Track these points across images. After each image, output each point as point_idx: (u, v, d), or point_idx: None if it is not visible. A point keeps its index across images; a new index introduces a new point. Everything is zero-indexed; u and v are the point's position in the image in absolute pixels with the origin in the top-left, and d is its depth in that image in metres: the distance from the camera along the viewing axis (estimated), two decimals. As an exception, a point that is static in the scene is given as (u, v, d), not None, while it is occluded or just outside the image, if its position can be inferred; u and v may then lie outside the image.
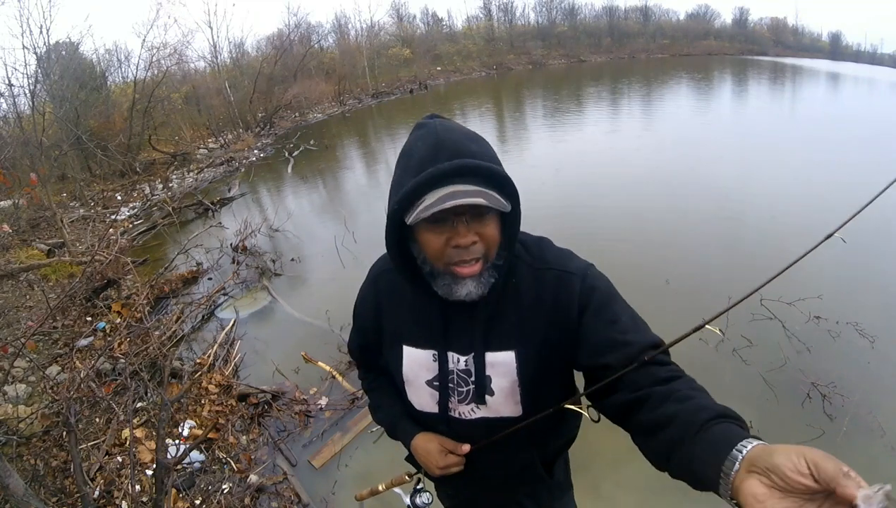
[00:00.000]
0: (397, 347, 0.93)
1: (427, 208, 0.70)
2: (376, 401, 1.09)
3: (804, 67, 25.99)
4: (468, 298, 0.78)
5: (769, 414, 2.59)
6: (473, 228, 0.74)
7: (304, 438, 2.80)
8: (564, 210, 5.73)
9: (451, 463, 0.93)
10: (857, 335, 3.09)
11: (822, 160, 7.37)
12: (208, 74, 17.81)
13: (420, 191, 0.71)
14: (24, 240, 6.58)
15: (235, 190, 8.71)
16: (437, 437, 0.95)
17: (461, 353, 0.87)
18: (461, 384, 0.89)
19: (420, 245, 0.79)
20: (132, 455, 2.32)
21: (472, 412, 0.90)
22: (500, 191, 0.74)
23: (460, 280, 0.78)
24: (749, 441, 0.56)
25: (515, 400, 0.87)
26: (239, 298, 4.61)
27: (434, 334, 0.88)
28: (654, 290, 3.83)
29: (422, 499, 1.10)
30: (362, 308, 1.00)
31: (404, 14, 33.18)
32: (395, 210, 0.74)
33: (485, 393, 0.87)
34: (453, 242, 0.74)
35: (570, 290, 0.82)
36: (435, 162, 0.71)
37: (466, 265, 0.76)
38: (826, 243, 0.87)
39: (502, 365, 0.85)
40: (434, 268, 0.79)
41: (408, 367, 0.92)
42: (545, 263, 0.85)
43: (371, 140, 13.22)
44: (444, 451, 0.93)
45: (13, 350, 2.85)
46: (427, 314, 0.88)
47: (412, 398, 0.95)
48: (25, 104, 9.34)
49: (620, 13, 38.08)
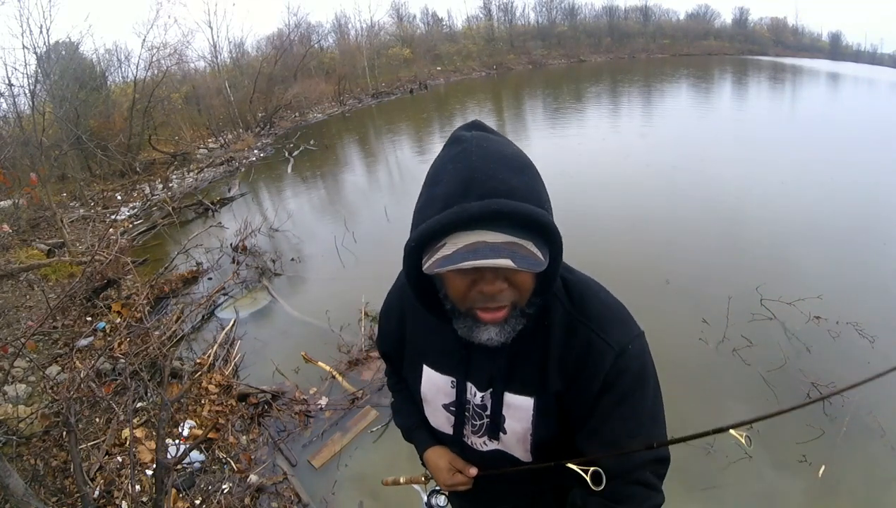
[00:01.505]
0: (418, 365, 0.91)
1: (444, 261, 0.60)
2: (398, 405, 1.08)
3: (804, 67, 26.00)
4: (489, 344, 0.72)
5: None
6: (503, 274, 0.65)
7: (304, 438, 2.80)
8: (564, 210, 5.68)
9: (458, 483, 0.93)
10: (857, 335, 3.09)
11: (823, 160, 7.38)
12: (208, 74, 17.80)
13: (441, 232, 0.61)
14: (24, 240, 6.58)
15: (235, 190, 8.71)
16: (448, 454, 0.95)
17: (479, 388, 0.83)
18: (476, 417, 0.86)
19: (443, 280, 0.71)
20: (132, 455, 2.32)
21: (484, 444, 0.88)
22: (540, 239, 0.63)
23: (482, 324, 0.70)
24: None
25: (525, 447, 0.83)
26: (239, 298, 4.61)
27: (454, 363, 0.85)
28: (654, 290, 3.83)
29: (437, 501, 1.10)
30: (387, 317, 0.99)
31: (404, 14, 33.16)
32: (412, 247, 0.65)
33: (498, 431, 0.84)
34: (478, 288, 0.66)
35: (600, 363, 0.73)
36: (464, 197, 0.60)
37: (490, 311, 0.68)
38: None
39: (519, 409, 0.81)
40: (455, 307, 0.72)
41: (426, 388, 0.91)
42: (583, 316, 0.76)
43: (371, 140, 13.22)
44: (453, 470, 0.93)
45: (13, 350, 2.85)
46: (449, 341, 0.81)
47: (429, 416, 0.95)
48: (25, 104, 9.34)
49: (620, 13, 38.07)
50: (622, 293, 0.86)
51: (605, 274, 0.96)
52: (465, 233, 0.60)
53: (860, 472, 2.26)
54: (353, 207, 7.02)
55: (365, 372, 3.25)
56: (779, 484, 2.22)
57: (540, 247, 0.63)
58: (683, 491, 2.21)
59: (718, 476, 2.26)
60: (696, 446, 2.40)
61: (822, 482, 2.21)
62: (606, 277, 0.94)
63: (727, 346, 3.10)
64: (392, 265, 1.07)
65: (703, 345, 3.14)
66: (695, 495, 2.19)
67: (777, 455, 2.35)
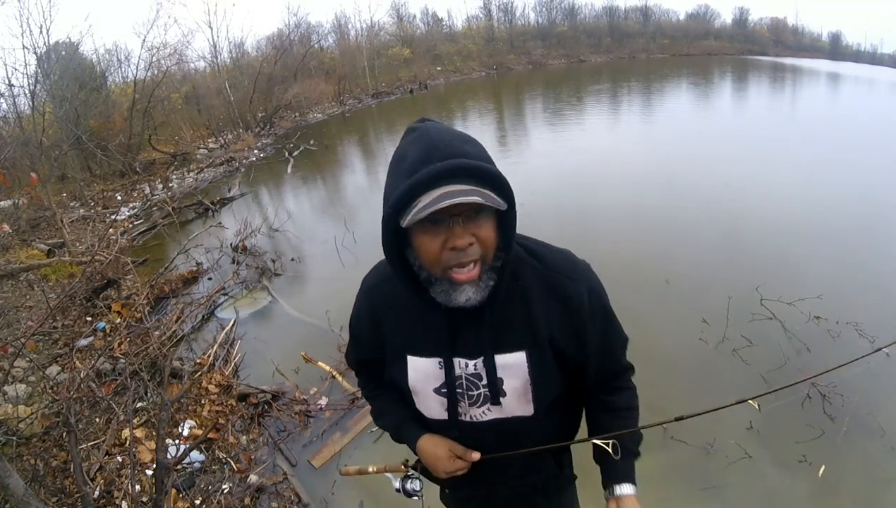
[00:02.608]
0: (401, 358, 0.92)
1: (423, 209, 0.68)
2: (379, 408, 1.09)
3: (804, 67, 25.99)
4: (468, 304, 0.77)
5: (769, 414, 2.59)
6: (470, 229, 0.73)
7: (304, 438, 2.80)
8: (564, 209, 5.73)
9: (459, 468, 0.94)
10: (857, 335, 3.09)
11: (823, 159, 7.38)
12: (208, 74, 17.82)
13: (414, 193, 0.70)
14: (24, 240, 6.58)
15: (235, 190, 8.71)
16: (447, 442, 0.95)
17: (469, 358, 0.87)
18: (471, 388, 0.89)
19: (416, 250, 0.77)
20: (132, 455, 2.32)
21: (484, 414, 0.91)
22: (495, 191, 0.72)
23: (458, 286, 0.76)
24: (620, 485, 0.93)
25: (527, 399, 0.88)
26: (239, 298, 4.61)
27: (439, 341, 0.88)
28: (654, 290, 3.83)
29: (413, 485, 1.10)
30: (359, 324, 0.99)
31: (404, 14, 33.20)
32: (389, 214, 0.72)
33: (499, 395, 0.88)
34: (450, 244, 0.73)
35: (579, 299, 0.86)
36: (428, 163, 0.69)
37: (464, 270, 0.75)
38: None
39: (514, 366, 0.86)
40: (431, 275, 0.78)
41: (413, 377, 0.92)
42: (551, 269, 0.87)
43: (371, 140, 13.22)
44: (453, 457, 0.94)
45: (13, 350, 2.85)
46: (431, 322, 0.86)
47: (421, 407, 0.95)
48: (25, 104, 9.34)
49: (620, 13, 38.10)
50: (622, 293, 0.86)
51: (605, 273, 0.96)
52: (435, 189, 0.69)
53: (860, 472, 2.26)
54: (353, 207, 7.02)
55: (365, 372, 3.25)
56: (779, 484, 2.22)
57: (497, 194, 0.72)
58: (683, 491, 2.21)
59: (718, 476, 2.26)
60: (696, 446, 2.40)
61: (822, 482, 2.21)
62: (606, 277, 0.94)
63: (727, 346, 3.10)
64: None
65: (703, 345, 3.14)
66: (695, 495, 2.19)
67: (777, 454, 2.35)
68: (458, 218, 0.72)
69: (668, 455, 2.38)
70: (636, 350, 2.45)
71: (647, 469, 0.98)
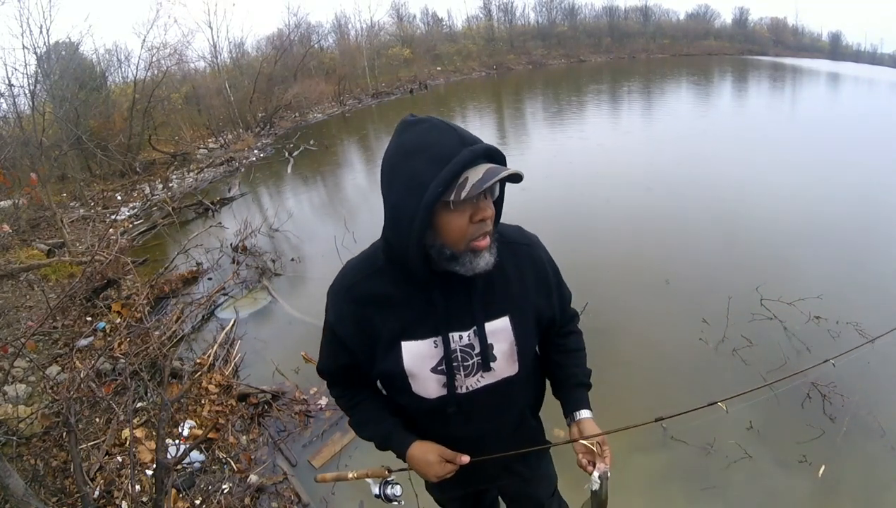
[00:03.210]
0: (395, 347, 0.94)
1: (479, 183, 0.76)
2: (361, 417, 1.10)
3: (804, 67, 25.98)
4: (487, 267, 0.86)
5: (769, 413, 2.59)
6: (490, 203, 0.85)
7: (304, 438, 2.80)
8: (564, 209, 5.73)
9: (449, 472, 1.01)
10: (857, 335, 3.08)
11: (823, 159, 7.38)
12: (208, 74, 17.80)
13: (462, 170, 0.77)
14: (24, 240, 6.58)
15: (235, 190, 8.71)
16: (436, 447, 1.01)
17: (462, 330, 0.94)
18: (466, 358, 0.96)
19: (439, 231, 0.83)
20: (132, 455, 2.32)
21: (477, 382, 0.98)
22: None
23: (479, 253, 0.84)
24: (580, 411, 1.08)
25: (514, 359, 0.98)
26: (239, 298, 4.60)
27: (434, 321, 0.93)
28: (654, 290, 3.83)
29: (393, 491, 1.13)
30: (342, 327, 1.00)
31: (404, 14, 33.17)
32: (438, 193, 0.77)
33: (489, 361, 0.96)
34: (478, 216, 0.82)
35: (542, 262, 1.02)
36: (464, 146, 0.78)
37: (483, 239, 0.84)
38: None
39: (501, 331, 0.96)
40: (454, 251, 0.84)
41: (409, 361, 0.94)
42: (514, 240, 1.00)
43: (371, 140, 13.21)
44: (443, 461, 1.00)
45: (13, 350, 2.85)
46: (423, 304, 0.92)
47: (418, 390, 0.98)
48: (25, 104, 9.34)
49: (620, 13, 38.06)
50: (622, 292, 0.87)
51: (605, 273, 0.98)
52: (477, 166, 0.79)
53: (860, 472, 2.26)
54: (353, 207, 7.01)
55: (365, 372, 3.25)
56: (779, 484, 2.22)
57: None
58: (683, 491, 2.21)
59: (718, 476, 2.26)
60: (695, 446, 2.40)
61: (822, 482, 2.21)
62: (606, 277, 0.96)
63: (727, 346, 3.10)
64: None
65: (703, 345, 3.14)
66: (695, 495, 2.19)
67: (777, 454, 2.35)
68: (486, 194, 0.82)
69: (668, 456, 2.38)
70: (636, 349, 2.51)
71: (647, 469, 0.99)
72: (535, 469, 1.25)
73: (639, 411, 2.59)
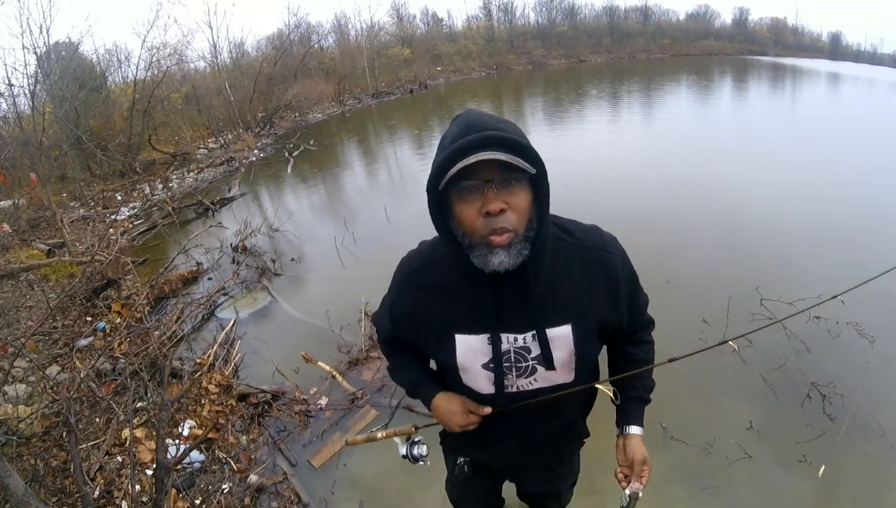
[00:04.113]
0: (449, 337, 0.95)
1: (455, 171, 0.75)
2: (398, 363, 1.14)
3: (804, 67, 25.97)
4: (501, 267, 0.82)
5: (769, 413, 2.59)
6: (502, 196, 0.79)
7: (304, 438, 2.80)
8: (564, 209, 5.69)
9: (472, 422, 1.00)
10: (857, 335, 3.09)
11: (823, 159, 7.37)
12: (208, 74, 17.77)
13: (453, 160, 0.76)
14: (24, 240, 6.57)
15: (235, 190, 8.71)
16: (460, 398, 1.01)
17: (517, 332, 0.92)
18: (519, 360, 0.94)
19: (457, 219, 0.83)
20: (132, 455, 2.32)
21: (530, 384, 0.97)
22: (526, 160, 0.78)
23: (494, 249, 0.81)
24: (630, 426, 1.07)
25: (571, 367, 0.96)
26: (239, 298, 4.60)
27: (486, 318, 0.92)
28: (654, 290, 3.79)
29: (420, 451, 1.16)
30: (400, 308, 1.02)
31: (404, 14, 33.14)
32: (431, 181, 0.80)
33: (549, 367, 0.94)
34: (484, 209, 0.78)
35: (616, 270, 0.96)
36: (465, 136, 0.77)
37: (499, 235, 0.79)
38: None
39: (561, 338, 0.93)
40: (471, 240, 0.83)
41: (462, 355, 0.95)
42: (587, 243, 0.96)
43: (371, 140, 13.21)
44: (466, 411, 1.00)
45: (13, 350, 2.85)
46: (477, 299, 0.91)
47: (469, 383, 0.99)
48: (25, 104, 9.33)
49: (620, 13, 38.04)
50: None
51: (605, 273, 0.97)
52: (469, 156, 0.75)
53: (860, 472, 2.26)
54: (353, 207, 7.01)
55: (365, 372, 3.25)
56: (778, 484, 2.22)
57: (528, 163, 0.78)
58: (683, 491, 2.21)
59: (718, 476, 2.26)
60: (696, 446, 2.40)
61: (822, 482, 2.21)
62: (606, 277, 0.95)
63: (727, 346, 3.10)
64: (393, 265, 1.07)
65: (702, 345, 3.14)
66: (695, 495, 2.19)
67: (777, 454, 2.35)
68: (492, 184, 0.78)
69: (668, 455, 2.38)
70: None
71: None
72: (567, 464, 1.29)
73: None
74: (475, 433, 1.04)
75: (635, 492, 0.99)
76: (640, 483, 1.00)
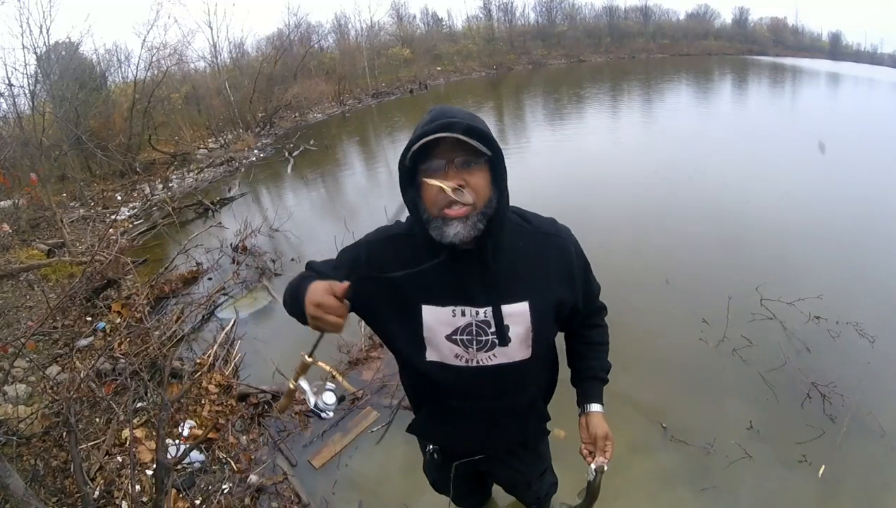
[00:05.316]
0: (416, 307, 1.00)
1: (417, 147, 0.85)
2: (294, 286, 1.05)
3: (804, 67, 25.98)
4: (456, 238, 0.88)
5: (769, 413, 2.59)
6: (462, 174, 0.87)
7: (304, 438, 2.80)
8: (564, 209, 5.68)
9: (330, 304, 0.86)
10: (857, 335, 3.09)
11: (823, 159, 7.37)
12: (208, 74, 17.79)
13: (417, 140, 0.86)
14: (24, 240, 6.57)
15: (235, 190, 8.71)
16: (330, 282, 0.88)
17: (479, 306, 0.98)
18: (480, 334, 1.00)
19: (422, 197, 0.91)
20: (132, 455, 2.32)
21: (490, 359, 1.02)
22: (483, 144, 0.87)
23: (450, 221, 0.88)
24: (590, 404, 1.15)
25: (528, 344, 1.01)
26: (239, 298, 4.60)
27: (452, 291, 0.98)
28: (654, 290, 3.83)
29: (324, 399, 1.13)
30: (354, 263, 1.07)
31: (404, 14, 33.15)
32: (400, 161, 0.90)
33: (506, 339, 1.00)
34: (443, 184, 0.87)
35: (570, 254, 1.05)
36: (432, 123, 0.86)
37: (454, 208, 0.87)
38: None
39: (518, 314, 0.99)
40: (429, 215, 0.91)
41: (427, 325, 1.00)
42: (543, 230, 1.05)
43: (371, 140, 13.22)
44: (329, 290, 0.86)
45: (13, 350, 2.85)
46: (441, 274, 0.96)
47: (432, 356, 1.03)
48: (25, 104, 9.35)
49: (620, 13, 38.02)
50: (622, 292, 0.88)
51: (605, 273, 0.98)
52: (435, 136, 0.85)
53: (860, 472, 2.26)
54: (353, 207, 7.01)
55: (365, 372, 3.25)
56: (779, 484, 2.22)
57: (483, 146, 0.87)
58: (683, 491, 2.21)
59: (718, 476, 2.26)
60: (696, 446, 2.40)
61: (822, 482, 2.21)
62: (606, 277, 0.96)
63: (727, 346, 3.10)
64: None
65: (702, 345, 3.14)
66: (695, 495, 2.19)
67: (777, 454, 2.35)
68: (452, 164, 0.87)
69: (669, 455, 2.38)
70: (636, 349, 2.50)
71: (647, 470, 1.00)
72: (532, 451, 1.33)
73: (639, 410, 2.60)
74: (439, 414, 1.13)
75: (600, 466, 1.06)
76: (604, 458, 1.07)
